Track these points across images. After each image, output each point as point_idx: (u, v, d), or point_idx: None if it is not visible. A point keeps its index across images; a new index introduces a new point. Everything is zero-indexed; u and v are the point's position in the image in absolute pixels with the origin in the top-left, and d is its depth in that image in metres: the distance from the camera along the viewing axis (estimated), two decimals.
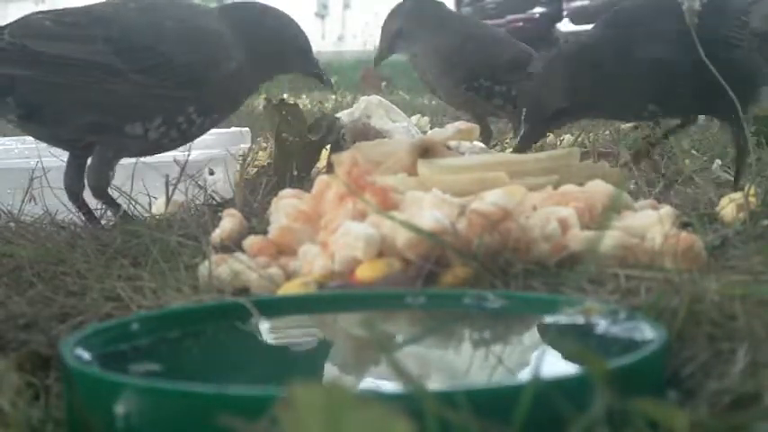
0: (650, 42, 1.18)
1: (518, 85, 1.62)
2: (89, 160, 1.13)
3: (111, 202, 1.14)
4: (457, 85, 1.64)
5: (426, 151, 0.98)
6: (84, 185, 1.13)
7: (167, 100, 1.12)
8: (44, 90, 1.09)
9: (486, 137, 1.66)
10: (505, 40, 1.73)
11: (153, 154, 1.19)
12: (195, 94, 1.13)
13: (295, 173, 1.31)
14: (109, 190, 1.13)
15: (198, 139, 1.26)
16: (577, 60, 1.22)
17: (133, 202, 1.16)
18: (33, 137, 1.16)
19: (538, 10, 7.77)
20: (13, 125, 1.14)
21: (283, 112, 1.32)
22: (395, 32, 1.64)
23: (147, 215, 1.16)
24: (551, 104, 1.21)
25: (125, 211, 1.12)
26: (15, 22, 1.11)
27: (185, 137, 1.16)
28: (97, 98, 1.10)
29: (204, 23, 1.18)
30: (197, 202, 1.22)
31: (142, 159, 1.21)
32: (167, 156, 1.24)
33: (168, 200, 1.18)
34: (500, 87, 1.65)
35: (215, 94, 1.15)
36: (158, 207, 1.19)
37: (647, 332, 0.59)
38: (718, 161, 1.49)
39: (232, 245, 0.91)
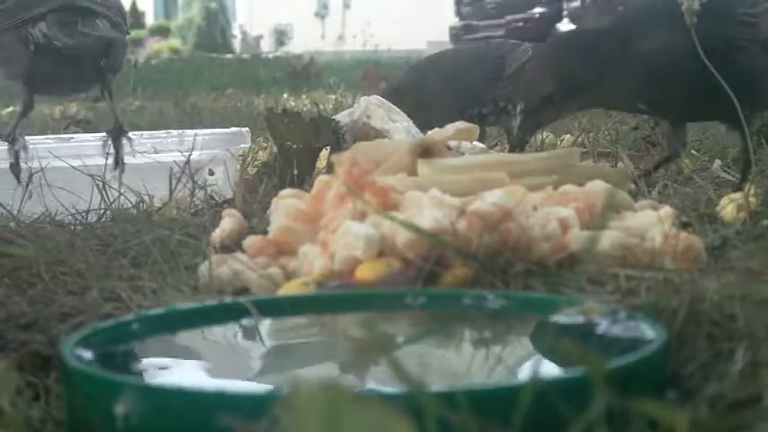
0: (645, 41, 1.17)
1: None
2: None
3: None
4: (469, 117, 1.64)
5: (426, 151, 0.98)
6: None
7: None
8: None
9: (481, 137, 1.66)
10: (492, 56, 1.71)
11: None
12: None
13: (295, 172, 1.31)
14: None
15: (198, 139, 1.26)
16: (564, 47, 1.24)
17: (132, 202, 1.16)
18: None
19: (538, 10, 7.78)
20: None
21: (285, 121, 1.32)
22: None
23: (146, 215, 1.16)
24: (539, 90, 1.21)
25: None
26: None
27: None
28: None
29: None
30: (197, 202, 1.22)
31: (142, 160, 1.21)
32: (168, 156, 1.24)
33: (170, 200, 1.18)
34: (504, 103, 1.65)
35: None
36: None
37: (647, 332, 0.59)
38: (718, 161, 1.49)
39: (232, 245, 0.91)
